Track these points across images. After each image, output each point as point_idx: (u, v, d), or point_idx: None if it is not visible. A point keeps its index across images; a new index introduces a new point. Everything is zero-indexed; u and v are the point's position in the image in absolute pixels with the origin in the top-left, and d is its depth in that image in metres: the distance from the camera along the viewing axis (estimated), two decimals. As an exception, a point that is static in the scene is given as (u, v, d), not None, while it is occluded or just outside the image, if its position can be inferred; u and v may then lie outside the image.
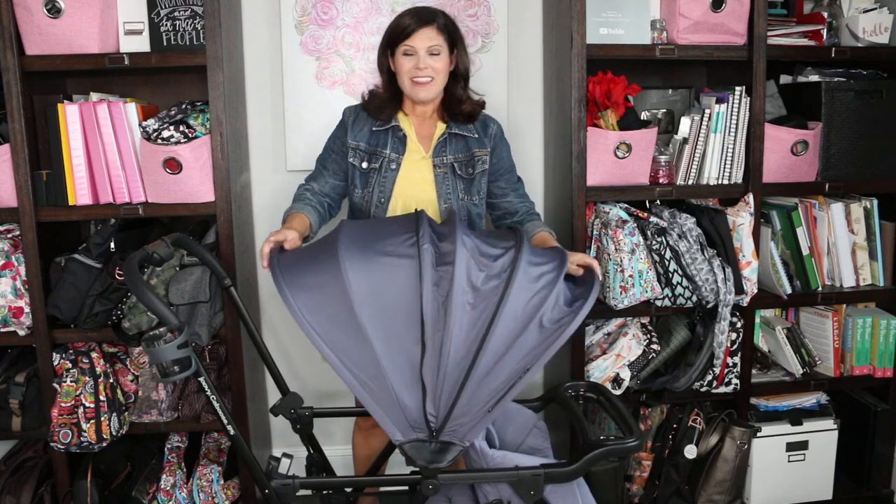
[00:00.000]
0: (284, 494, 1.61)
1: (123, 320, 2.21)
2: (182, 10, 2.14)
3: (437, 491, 1.61)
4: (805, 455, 2.53)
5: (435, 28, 2.00)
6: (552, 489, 1.65)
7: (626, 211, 2.37)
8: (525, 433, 1.90)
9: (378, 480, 2.13)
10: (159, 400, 2.33)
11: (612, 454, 1.64)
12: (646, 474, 2.47)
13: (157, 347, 1.52)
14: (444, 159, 2.09)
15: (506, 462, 1.66)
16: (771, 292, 2.45)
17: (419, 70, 2.00)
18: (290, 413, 1.98)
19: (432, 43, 1.99)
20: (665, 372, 2.44)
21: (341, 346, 1.55)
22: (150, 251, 1.77)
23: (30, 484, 2.30)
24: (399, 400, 1.55)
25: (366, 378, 1.55)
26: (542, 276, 1.62)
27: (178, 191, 2.18)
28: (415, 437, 1.59)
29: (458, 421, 1.57)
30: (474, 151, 2.11)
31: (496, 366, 1.55)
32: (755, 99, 2.32)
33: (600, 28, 2.27)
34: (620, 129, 2.30)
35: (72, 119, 2.13)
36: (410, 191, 2.08)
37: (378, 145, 2.08)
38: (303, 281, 1.60)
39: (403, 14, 2.03)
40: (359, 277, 1.55)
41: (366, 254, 1.59)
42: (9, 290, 2.18)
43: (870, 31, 2.39)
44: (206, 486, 2.35)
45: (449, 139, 2.10)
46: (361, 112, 2.12)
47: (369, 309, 1.54)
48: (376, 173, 2.07)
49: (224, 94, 2.16)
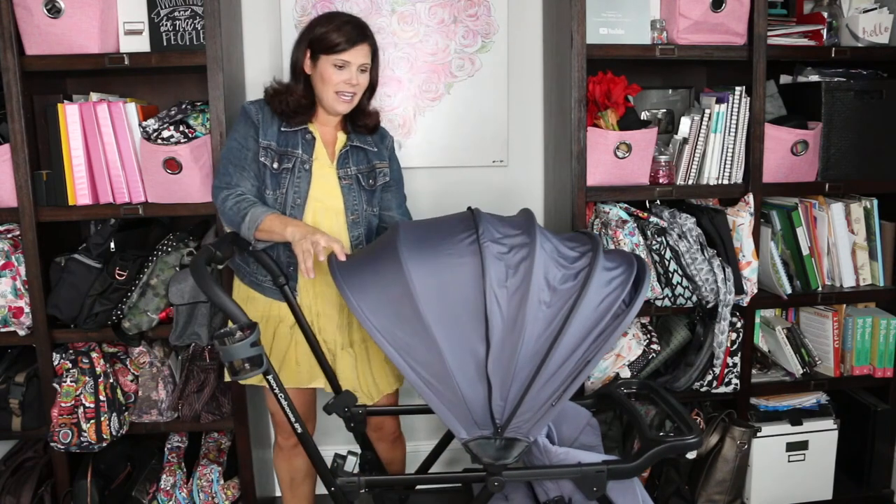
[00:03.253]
0: (350, 492, 1.64)
1: (123, 320, 2.21)
2: (182, 10, 2.14)
3: (503, 488, 1.63)
4: (805, 455, 2.53)
5: (368, 45, 1.95)
6: (613, 486, 1.67)
7: (626, 211, 2.37)
8: (579, 430, 1.94)
9: (441, 478, 2.07)
10: (159, 400, 2.33)
11: (673, 451, 1.67)
12: (646, 474, 2.47)
13: (228, 345, 1.50)
14: (348, 171, 2.02)
15: (568, 459, 1.68)
16: (771, 292, 2.45)
17: (350, 85, 1.93)
18: (343, 411, 1.98)
19: (365, 60, 1.95)
20: (665, 372, 2.44)
21: (405, 345, 1.59)
22: (213, 249, 1.75)
23: (30, 484, 2.30)
24: (463, 397, 1.58)
25: (430, 376, 1.58)
26: (614, 280, 1.66)
27: (178, 191, 2.18)
28: (479, 434, 1.62)
29: (523, 416, 1.60)
30: (375, 164, 2.06)
31: (565, 363, 1.59)
32: (755, 99, 2.32)
33: (600, 28, 2.27)
34: (620, 129, 2.30)
35: (72, 119, 2.14)
36: (321, 196, 1.99)
37: (288, 145, 1.97)
38: (364, 283, 1.63)
39: (340, 23, 1.93)
40: (421, 277, 1.58)
41: (426, 253, 1.62)
42: (9, 290, 2.18)
43: (870, 31, 2.39)
44: (206, 486, 2.35)
45: (351, 151, 2.04)
46: (266, 108, 1.99)
47: (433, 308, 1.57)
48: (289, 174, 1.97)
49: (224, 94, 2.16)
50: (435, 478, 2.03)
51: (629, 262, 1.72)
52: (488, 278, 1.57)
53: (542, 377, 1.58)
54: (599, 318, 1.61)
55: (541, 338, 1.58)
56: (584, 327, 1.60)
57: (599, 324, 1.61)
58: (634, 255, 1.76)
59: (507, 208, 2.16)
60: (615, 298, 1.63)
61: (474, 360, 1.58)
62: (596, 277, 1.61)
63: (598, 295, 1.62)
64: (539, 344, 1.58)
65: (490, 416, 1.61)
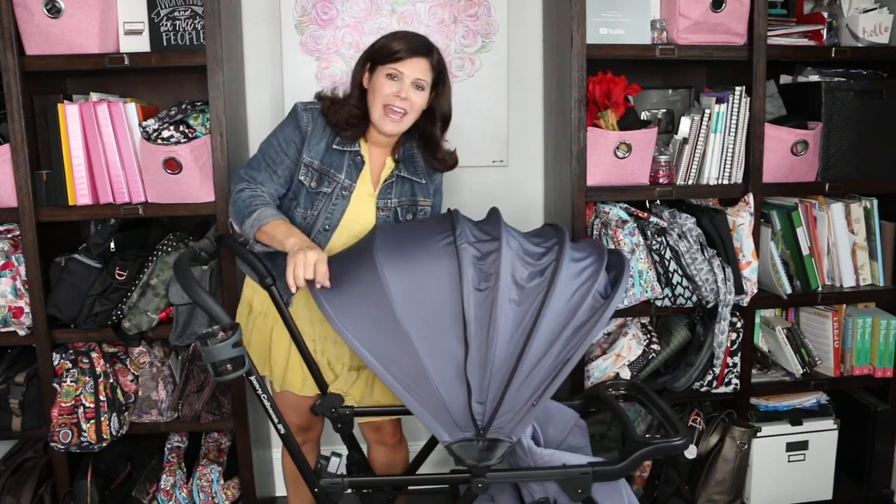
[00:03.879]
0: (333, 493, 1.63)
1: (123, 320, 2.21)
2: (182, 10, 2.14)
3: (487, 489, 1.62)
4: (805, 455, 2.53)
5: (428, 62, 1.85)
6: (599, 487, 1.66)
7: (626, 211, 2.37)
8: (566, 431, 1.93)
9: (426, 479, 2.05)
10: (159, 400, 2.33)
11: (659, 452, 1.66)
12: (646, 474, 2.47)
13: (210, 346, 1.49)
14: (388, 202, 1.94)
15: (553, 460, 1.68)
16: (771, 292, 2.45)
17: (399, 98, 1.83)
18: (330, 412, 1.97)
19: (421, 76, 1.84)
20: (665, 372, 2.44)
21: (382, 349, 1.57)
22: (197, 249, 1.74)
23: (30, 484, 2.30)
24: (444, 400, 1.57)
25: (409, 381, 1.57)
26: (584, 271, 1.64)
27: (178, 191, 2.18)
28: (462, 436, 1.60)
29: (504, 417, 1.59)
30: (418, 199, 1.99)
31: (541, 360, 1.57)
32: (755, 99, 2.32)
33: (600, 28, 2.27)
34: (620, 129, 2.30)
35: (72, 119, 2.13)
36: (354, 227, 1.92)
37: (332, 166, 1.89)
38: (338, 287, 1.61)
39: (399, 35, 1.87)
40: (397, 280, 1.57)
41: (403, 256, 1.61)
42: (9, 290, 2.18)
43: (870, 31, 2.39)
44: (206, 486, 2.35)
45: (396, 181, 1.96)
46: (319, 119, 1.90)
47: (410, 310, 1.55)
48: (325, 198, 1.89)
49: (224, 94, 2.16)
50: (418, 479, 2.03)
51: (599, 251, 1.70)
52: (465, 280, 1.56)
53: (518, 377, 1.56)
54: (572, 312, 1.59)
55: (514, 337, 1.57)
56: (556, 323, 1.58)
57: (574, 318, 1.59)
58: (607, 247, 1.73)
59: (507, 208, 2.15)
60: (587, 290, 1.61)
61: (453, 362, 1.56)
62: (563, 270, 1.60)
63: (568, 288, 1.60)
64: (513, 344, 1.57)
65: (471, 418, 1.59)
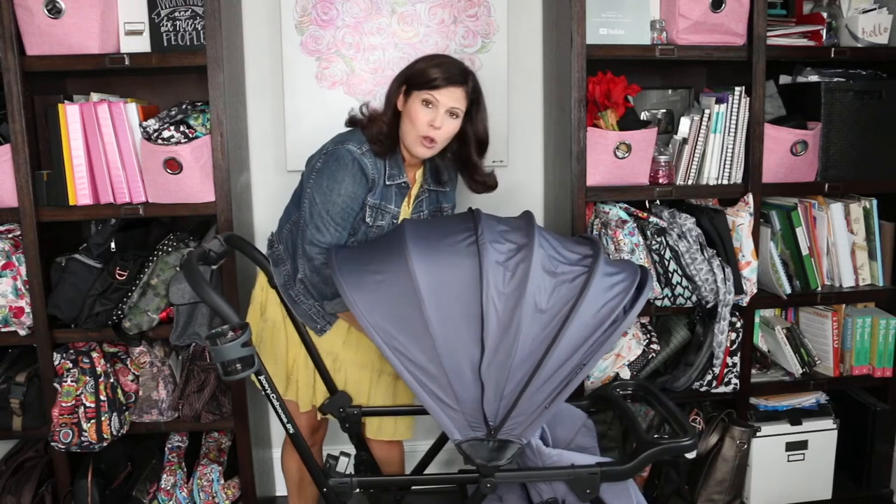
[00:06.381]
0: (342, 493, 1.64)
1: (124, 320, 2.22)
2: (182, 11, 2.15)
3: (496, 489, 1.63)
4: (804, 455, 2.53)
5: (464, 91, 1.86)
6: (607, 487, 1.67)
7: (626, 211, 2.38)
8: (574, 432, 1.94)
9: (434, 479, 2.07)
10: (160, 400, 2.33)
11: (667, 453, 1.66)
12: (645, 474, 2.47)
13: (219, 346, 1.50)
14: (420, 215, 2.03)
15: (562, 460, 1.68)
16: (770, 292, 2.45)
17: (434, 128, 1.84)
18: (338, 412, 1.98)
19: (456, 104, 1.86)
20: (665, 372, 2.45)
21: (401, 343, 1.58)
22: (206, 249, 1.75)
23: (30, 484, 2.30)
24: (457, 399, 1.57)
25: (424, 377, 1.57)
26: (616, 286, 1.63)
27: (178, 191, 2.18)
28: (473, 436, 1.61)
29: (516, 419, 1.59)
30: (443, 206, 2.07)
31: (560, 367, 1.57)
32: (755, 99, 2.32)
33: (600, 28, 2.27)
34: (620, 130, 2.30)
35: (72, 119, 2.14)
36: None
37: (385, 199, 1.93)
38: (363, 278, 1.62)
39: (437, 62, 1.87)
40: (425, 274, 1.56)
41: (430, 251, 1.61)
42: (9, 290, 2.19)
43: (869, 31, 2.40)
44: (206, 485, 2.35)
45: (428, 196, 2.04)
46: (371, 157, 1.88)
47: (433, 308, 1.55)
48: (379, 228, 1.95)
49: (224, 94, 2.16)
50: (428, 479, 2.03)
51: (632, 270, 1.70)
52: (485, 280, 1.55)
53: (537, 380, 1.56)
54: (599, 324, 1.59)
55: (536, 341, 1.57)
56: (581, 333, 1.58)
57: (598, 329, 1.59)
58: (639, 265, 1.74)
59: (507, 208, 2.16)
60: (616, 304, 1.61)
61: (469, 362, 1.57)
62: (595, 282, 1.59)
63: (599, 300, 1.60)
64: (534, 347, 1.57)
65: (483, 418, 1.60)
